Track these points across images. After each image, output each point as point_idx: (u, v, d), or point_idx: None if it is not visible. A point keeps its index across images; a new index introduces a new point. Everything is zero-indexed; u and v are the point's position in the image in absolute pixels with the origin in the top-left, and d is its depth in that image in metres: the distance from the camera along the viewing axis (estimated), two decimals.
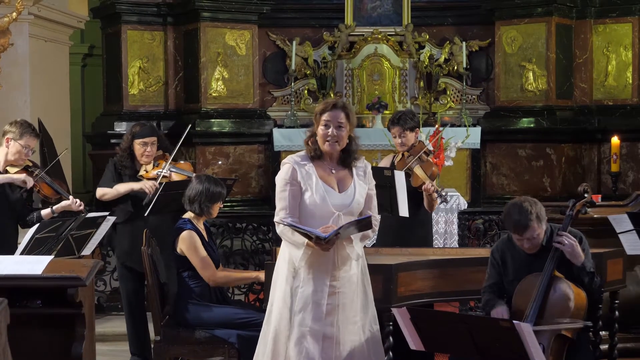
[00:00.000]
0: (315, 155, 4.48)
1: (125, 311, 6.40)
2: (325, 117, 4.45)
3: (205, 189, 5.54)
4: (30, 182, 5.74)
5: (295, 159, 4.49)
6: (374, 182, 4.60)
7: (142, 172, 6.25)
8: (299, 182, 4.43)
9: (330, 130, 4.42)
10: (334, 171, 4.50)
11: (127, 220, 6.22)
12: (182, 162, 6.54)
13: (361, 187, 4.49)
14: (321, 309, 4.39)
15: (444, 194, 5.97)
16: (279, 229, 4.44)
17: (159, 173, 6.20)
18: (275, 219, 4.46)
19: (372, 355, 4.51)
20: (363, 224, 4.37)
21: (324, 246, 4.29)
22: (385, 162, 6.31)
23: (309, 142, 4.50)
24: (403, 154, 6.21)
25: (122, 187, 6.20)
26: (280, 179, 4.48)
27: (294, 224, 4.34)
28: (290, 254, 4.46)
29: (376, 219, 4.55)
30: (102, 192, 6.27)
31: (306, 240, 4.33)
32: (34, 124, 8.52)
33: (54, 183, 5.98)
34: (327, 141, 4.43)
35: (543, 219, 4.67)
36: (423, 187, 5.94)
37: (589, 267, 4.71)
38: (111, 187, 6.22)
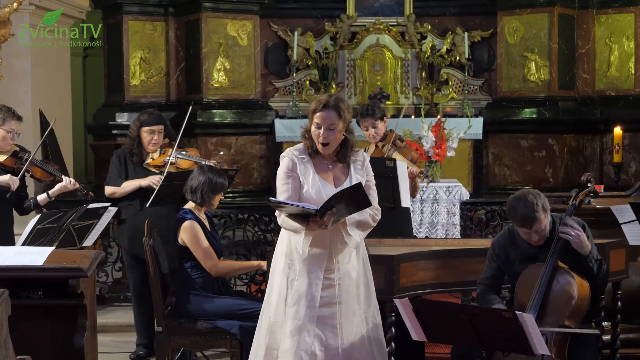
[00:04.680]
0: (312, 151, 4.48)
1: (133, 300, 6.41)
2: (316, 118, 4.42)
3: (208, 180, 5.53)
4: (14, 184, 5.68)
5: (294, 152, 4.48)
6: (372, 174, 4.58)
7: (148, 160, 6.26)
8: (298, 174, 4.43)
9: (321, 131, 4.41)
10: (330, 166, 4.50)
11: (134, 214, 6.22)
12: (188, 148, 6.53)
13: (358, 180, 4.46)
14: (315, 302, 4.37)
15: (429, 174, 6.01)
16: (280, 219, 4.43)
17: (166, 160, 6.21)
18: (277, 212, 4.45)
19: (374, 348, 4.50)
20: (354, 192, 4.26)
21: (320, 222, 4.23)
22: None
23: (306, 136, 4.49)
24: (377, 145, 6.24)
25: (130, 186, 6.20)
26: (281, 172, 4.47)
27: (285, 201, 4.32)
28: (288, 247, 4.45)
29: (377, 208, 4.52)
30: (111, 190, 6.27)
31: (304, 225, 4.30)
32: (36, 115, 8.57)
33: (44, 165, 5.95)
34: (319, 142, 4.42)
35: (547, 209, 4.65)
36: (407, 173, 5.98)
37: (596, 254, 4.69)
38: (119, 184, 6.23)
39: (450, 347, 4.95)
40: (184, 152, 6.39)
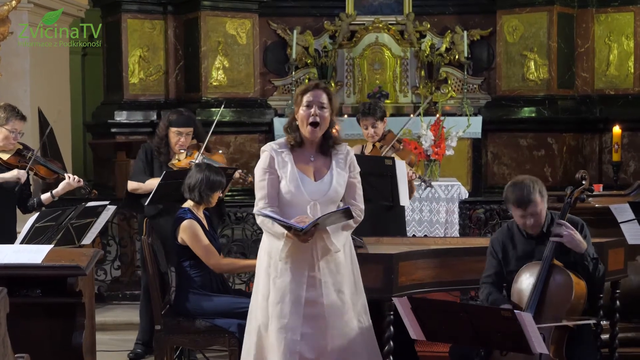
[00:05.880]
0: (296, 143, 4.42)
1: (142, 299, 6.36)
2: (307, 97, 4.38)
3: (205, 177, 5.52)
4: (23, 177, 5.70)
5: (273, 147, 4.44)
6: (358, 169, 4.50)
7: (173, 161, 6.15)
8: (276, 169, 4.39)
9: (312, 110, 4.36)
10: (312, 159, 4.43)
11: (156, 215, 6.16)
12: (215, 153, 6.42)
13: (340, 175, 4.41)
14: (300, 300, 4.31)
15: (426, 179, 6.00)
16: (259, 220, 4.39)
17: (192, 163, 6.12)
18: (255, 209, 4.40)
19: (364, 346, 4.44)
20: (342, 214, 4.28)
21: (302, 237, 4.22)
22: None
23: (289, 129, 4.44)
24: (374, 145, 6.23)
25: (154, 185, 6.09)
26: (259, 168, 4.43)
27: (271, 215, 4.27)
28: (270, 245, 4.40)
29: (360, 208, 4.47)
30: (134, 186, 6.19)
31: (285, 232, 4.26)
32: (35, 113, 8.56)
33: (48, 162, 5.97)
34: (309, 123, 4.35)
35: (544, 196, 4.69)
36: None
37: (592, 253, 4.69)
38: (142, 180, 6.14)
39: (449, 346, 4.95)
40: (210, 157, 6.27)
